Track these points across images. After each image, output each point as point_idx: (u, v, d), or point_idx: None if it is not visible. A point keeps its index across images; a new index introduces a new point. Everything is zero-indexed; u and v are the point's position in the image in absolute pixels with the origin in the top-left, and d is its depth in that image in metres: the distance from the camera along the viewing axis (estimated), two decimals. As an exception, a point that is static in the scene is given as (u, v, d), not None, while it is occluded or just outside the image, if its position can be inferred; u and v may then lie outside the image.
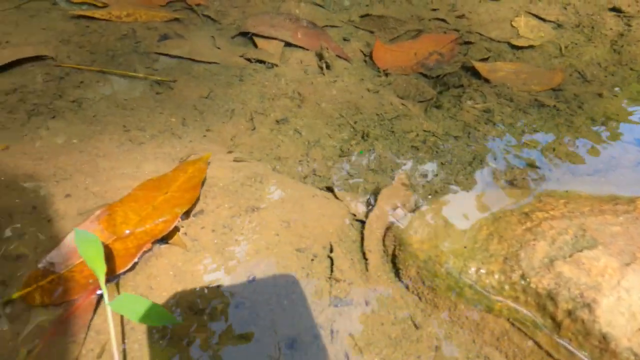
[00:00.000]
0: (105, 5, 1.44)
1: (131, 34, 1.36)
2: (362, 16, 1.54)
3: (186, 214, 0.77)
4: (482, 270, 0.66)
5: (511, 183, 0.90)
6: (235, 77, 1.27)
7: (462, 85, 1.28)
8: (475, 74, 1.31)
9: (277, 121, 1.13)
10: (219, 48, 1.39)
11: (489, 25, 1.49)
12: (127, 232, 0.68)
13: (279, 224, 0.79)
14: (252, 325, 0.65)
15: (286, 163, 1.02)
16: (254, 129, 1.10)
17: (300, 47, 1.41)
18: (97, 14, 1.38)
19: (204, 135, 1.06)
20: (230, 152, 1.02)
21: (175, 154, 0.97)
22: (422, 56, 1.39)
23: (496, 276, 0.64)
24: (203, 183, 0.84)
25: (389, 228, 0.78)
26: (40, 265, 0.65)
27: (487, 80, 1.28)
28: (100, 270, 0.57)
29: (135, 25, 1.39)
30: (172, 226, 0.70)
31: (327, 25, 1.51)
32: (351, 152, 1.06)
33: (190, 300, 0.66)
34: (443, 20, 1.52)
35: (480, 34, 1.45)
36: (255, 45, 1.42)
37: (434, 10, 1.56)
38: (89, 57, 1.24)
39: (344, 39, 1.47)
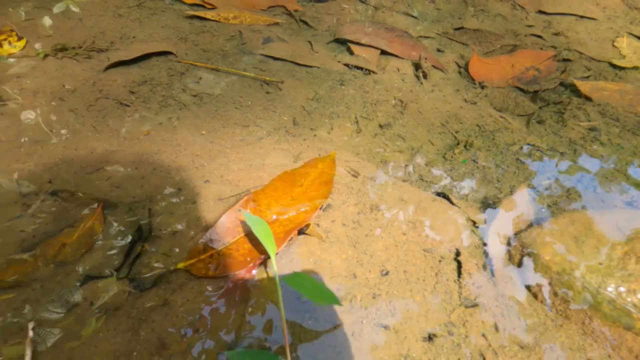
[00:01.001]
0: (213, 7, 1.55)
1: (238, 35, 1.45)
2: (456, 29, 1.57)
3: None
4: (622, 288, 0.66)
5: (630, 204, 0.90)
6: (336, 81, 1.32)
7: (562, 102, 1.27)
8: (575, 91, 1.30)
9: (381, 126, 1.17)
10: (316, 52, 1.45)
11: (588, 44, 1.47)
12: (274, 217, 0.74)
13: (404, 224, 0.82)
14: (390, 317, 0.68)
15: (392, 166, 1.06)
16: (359, 132, 1.15)
17: (395, 55, 1.45)
18: (208, 15, 1.49)
19: (314, 135, 1.11)
20: (337, 152, 1.07)
21: (292, 150, 1.03)
22: (519, 71, 1.40)
23: (639, 295, 0.65)
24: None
25: (513, 237, 0.80)
26: (200, 241, 0.72)
27: (588, 99, 1.27)
28: (272, 249, 0.63)
29: (241, 28, 1.48)
30: (313, 216, 0.76)
31: (420, 36, 1.54)
32: (455, 160, 1.09)
33: (331, 287, 0.71)
34: (539, 36, 1.52)
35: (580, 52, 1.44)
36: (351, 52, 1.47)
37: (530, 26, 1.56)
38: (203, 54, 1.33)
39: (438, 50, 1.50)
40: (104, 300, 0.66)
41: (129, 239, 0.75)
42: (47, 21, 1.32)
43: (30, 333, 0.60)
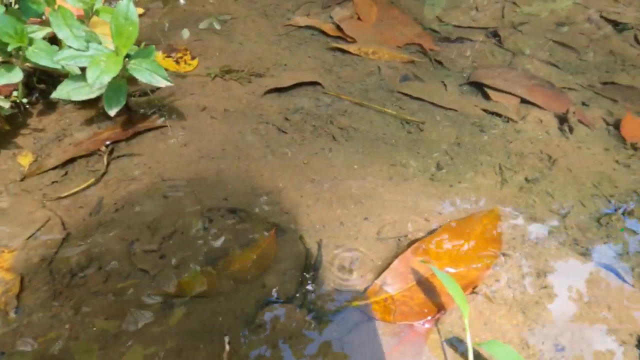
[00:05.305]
0: (354, 41, 1.61)
1: (377, 70, 1.50)
2: (604, 83, 1.49)
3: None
4: None
5: None
6: (476, 126, 1.31)
7: None
8: None
9: (527, 180, 1.14)
10: (451, 94, 1.45)
11: None
12: (446, 271, 0.75)
13: (575, 296, 0.78)
14: (570, 398, 0.65)
15: (544, 225, 1.02)
16: (504, 183, 1.12)
17: (536, 105, 1.41)
18: (350, 48, 1.55)
19: (459, 182, 1.10)
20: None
21: (440, 196, 1.03)
22: (681, 136, 1.28)
23: None
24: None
25: None
26: (376, 282, 0.74)
27: None
28: (465, 309, 0.63)
29: (379, 63, 1.53)
30: (486, 275, 0.75)
31: (563, 87, 1.48)
32: (611, 227, 1.02)
33: (504, 354, 0.69)
34: None
35: None
36: (487, 97, 1.45)
37: (693, 87, 1.43)
38: (346, 87, 1.39)
39: (583, 104, 1.43)
40: (284, 326, 0.71)
41: (301, 267, 0.79)
42: (185, 34, 1.45)
43: (227, 346, 0.66)
